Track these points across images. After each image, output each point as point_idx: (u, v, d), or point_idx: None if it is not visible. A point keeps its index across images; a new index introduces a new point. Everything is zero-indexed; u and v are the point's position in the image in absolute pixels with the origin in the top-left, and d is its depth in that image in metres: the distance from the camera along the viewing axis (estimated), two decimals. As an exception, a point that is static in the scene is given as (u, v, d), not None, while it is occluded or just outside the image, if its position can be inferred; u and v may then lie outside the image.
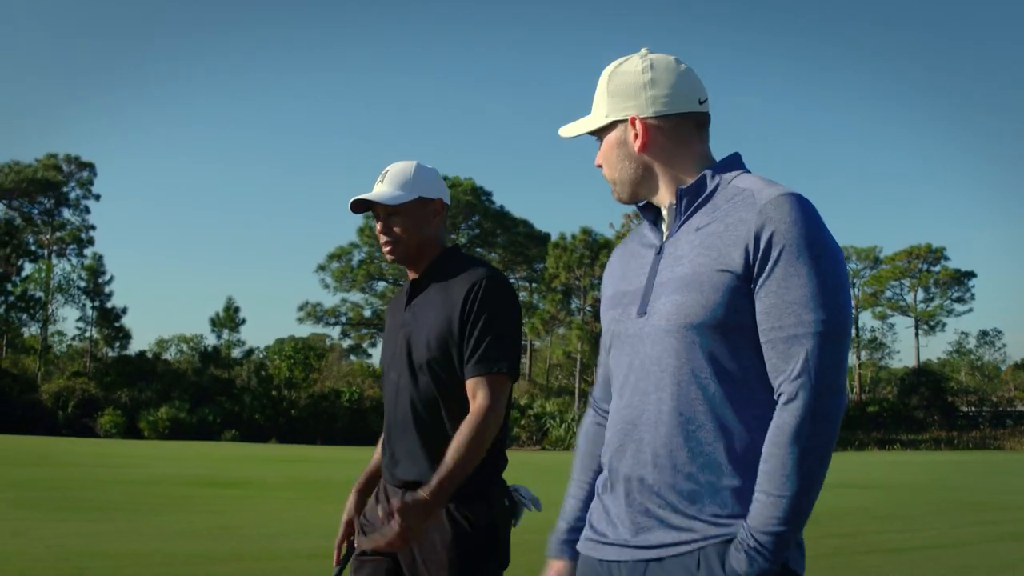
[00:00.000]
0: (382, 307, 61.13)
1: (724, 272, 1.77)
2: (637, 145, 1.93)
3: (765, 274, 1.75)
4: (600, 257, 52.03)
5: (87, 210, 61.39)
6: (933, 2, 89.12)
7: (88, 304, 59.70)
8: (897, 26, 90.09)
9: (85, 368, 56.10)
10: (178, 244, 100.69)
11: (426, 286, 2.88)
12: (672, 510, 1.80)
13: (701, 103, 1.95)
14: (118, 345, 60.23)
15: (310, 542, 9.00)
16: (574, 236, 54.70)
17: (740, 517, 1.75)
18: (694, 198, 1.90)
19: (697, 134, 1.95)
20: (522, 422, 49.19)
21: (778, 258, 1.74)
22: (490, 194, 61.47)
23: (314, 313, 61.55)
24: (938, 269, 65.91)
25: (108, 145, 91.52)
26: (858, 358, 67.09)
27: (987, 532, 11.99)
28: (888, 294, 66.75)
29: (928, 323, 66.79)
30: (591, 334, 50.98)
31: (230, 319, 60.11)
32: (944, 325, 67.58)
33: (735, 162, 1.95)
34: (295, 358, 54.01)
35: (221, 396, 50.81)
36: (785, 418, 1.70)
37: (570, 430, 47.22)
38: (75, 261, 60.68)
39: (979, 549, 10.26)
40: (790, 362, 1.72)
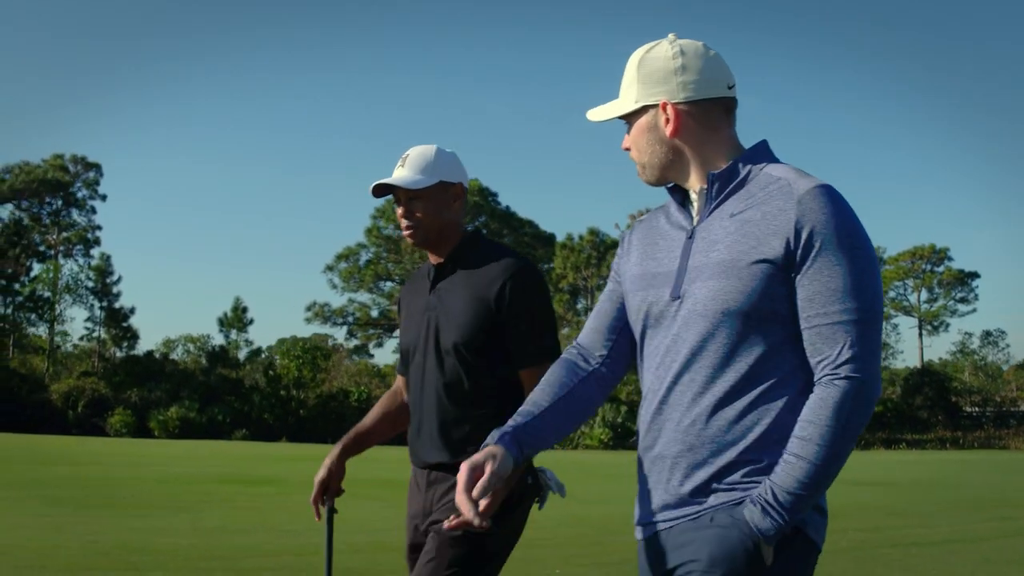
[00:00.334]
0: (389, 307, 61.09)
1: (762, 260, 1.80)
2: (668, 130, 1.95)
3: (808, 263, 1.78)
4: (607, 257, 52.17)
5: (93, 210, 61.62)
6: (934, 2, 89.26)
7: (96, 304, 59.97)
8: (898, 26, 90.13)
9: (93, 368, 56.30)
10: (183, 244, 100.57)
11: (452, 271, 2.89)
12: (698, 489, 1.85)
13: (730, 88, 1.98)
14: (126, 345, 60.47)
15: (348, 536, 9.17)
16: (581, 237, 54.89)
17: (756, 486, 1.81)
18: (725, 184, 1.92)
19: (726, 119, 1.98)
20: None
21: (820, 249, 1.77)
22: (496, 195, 61.62)
23: (322, 313, 61.74)
24: (942, 269, 66.11)
25: (113, 145, 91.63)
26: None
27: (1003, 528, 12.22)
28: (892, 294, 66.79)
29: (932, 323, 66.99)
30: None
31: (238, 319, 60.31)
32: (948, 325, 67.83)
33: (764, 150, 1.98)
34: (303, 358, 54.15)
35: (230, 396, 50.93)
36: (831, 392, 1.75)
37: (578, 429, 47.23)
38: (82, 261, 60.90)
39: (996, 544, 10.44)
40: (836, 346, 1.77)
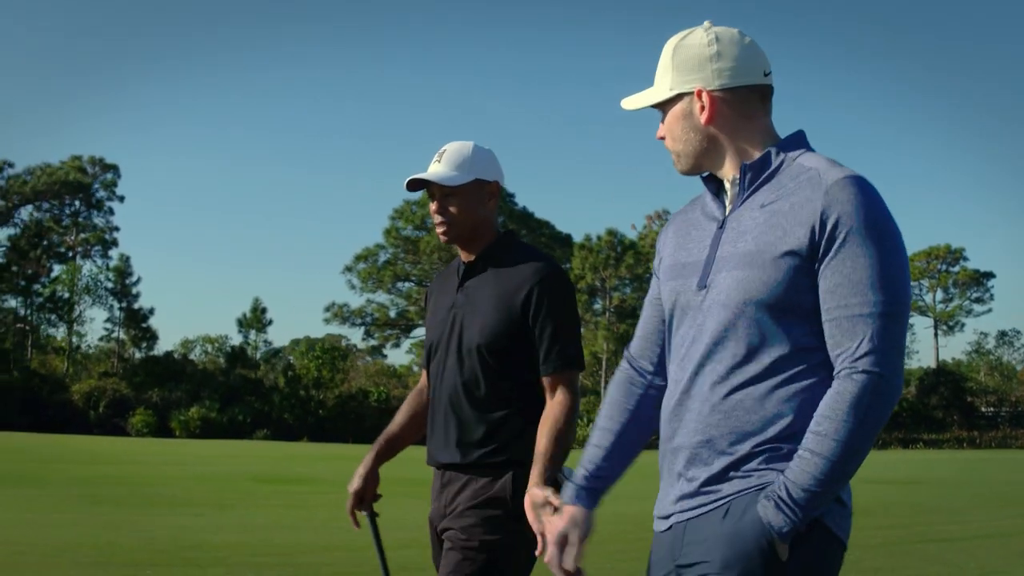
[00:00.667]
0: (407, 308, 61.33)
1: (788, 251, 1.77)
2: (703, 117, 1.91)
3: (831, 254, 1.74)
4: (625, 258, 52.30)
5: (111, 211, 61.98)
6: (942, 3, 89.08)
7: (116, 305, 60.33)
8: (919, 28, 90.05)
9: (113, 369, 56.66)
10: (201, 245, 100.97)
11: (482, 270, 2.84)
12: (717, 479, 1.82)
13: (766, 75, 1.93)
14: (145, 346, 60.83)
15: (394, 534, 9.39)
16: (599, 237, 55.00)
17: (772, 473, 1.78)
18: (758, 174, 1.89)
19: (761, 107, 1.94)
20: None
21: (845, 239, 1.73)
22: (513, 195, 61.70)
23: (340, 314, 61.85)
24: (957, 270, 66.01)
25: (130, 146, 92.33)
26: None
27: (1031, 524, 12.37)
28: (908, 294, 66.69)
29: (947, 323, 66.91)
30: (616, 334, 51.17)
31: (257, 320, 60.52)
32: (963, 325, 67.78)
33: (799, 139, 1.94)
34: (323, 358, 54.28)
35: (250, 396, 51.20)
36: (848, 387, 1.70)
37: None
38: (100, 262, 61.24)
39: (1026, 540, 10.61)
40: (855, 339, 1.72)
